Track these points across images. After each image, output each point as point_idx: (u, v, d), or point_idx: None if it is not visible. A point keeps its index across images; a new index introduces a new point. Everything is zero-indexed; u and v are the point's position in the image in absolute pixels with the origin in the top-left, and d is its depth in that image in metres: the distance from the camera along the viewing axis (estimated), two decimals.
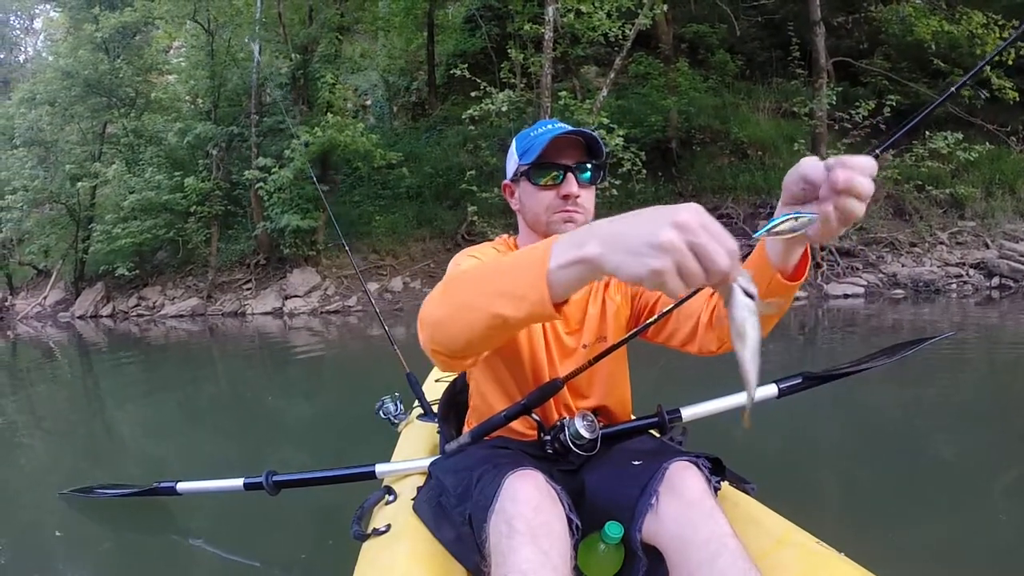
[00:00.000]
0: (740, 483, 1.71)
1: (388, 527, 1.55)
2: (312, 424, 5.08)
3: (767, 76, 16.32)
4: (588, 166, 1.59)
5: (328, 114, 14.90)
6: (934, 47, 13.35)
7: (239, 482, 2.26)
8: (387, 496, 1.77)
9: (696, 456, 1.42)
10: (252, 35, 16.24)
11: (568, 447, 1.53)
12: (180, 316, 15.79)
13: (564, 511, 1.28)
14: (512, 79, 13.61)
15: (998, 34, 12.70)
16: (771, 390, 2.06)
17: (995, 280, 11.41)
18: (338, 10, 16.51)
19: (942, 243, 12.57)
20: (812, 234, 0.98)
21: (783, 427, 3.78)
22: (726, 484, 1.64)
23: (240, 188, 17.07)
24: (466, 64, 13.61)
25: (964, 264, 11.93)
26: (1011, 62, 11.25)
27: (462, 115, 13.16)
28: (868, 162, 0.90)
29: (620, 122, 12.52)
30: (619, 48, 13.00)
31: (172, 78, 20.01)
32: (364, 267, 15.07)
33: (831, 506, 2.87)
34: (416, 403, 2.85)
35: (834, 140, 12.68)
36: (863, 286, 11.78)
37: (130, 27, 17.73)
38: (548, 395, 1.58)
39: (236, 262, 17.18)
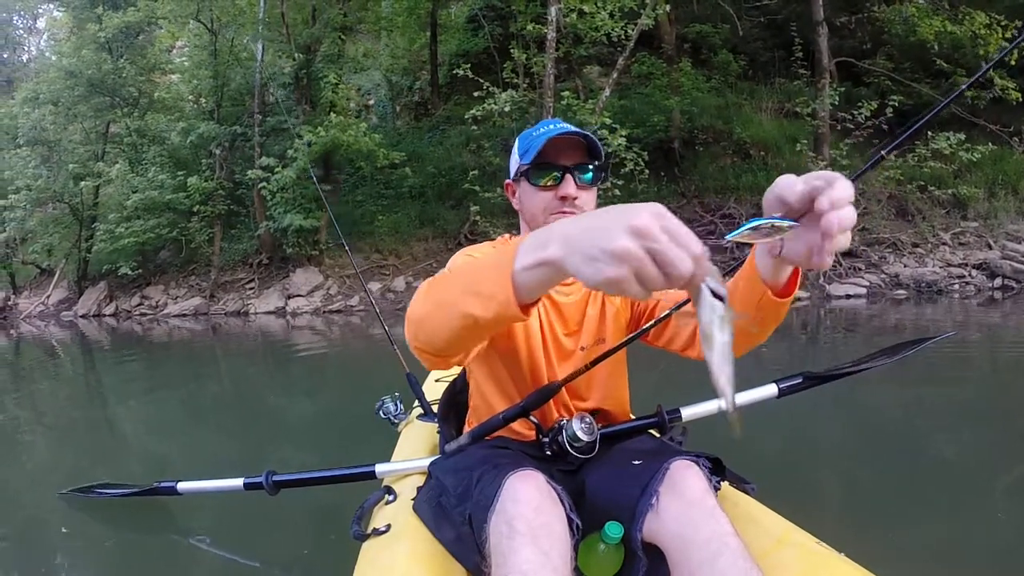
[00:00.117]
0: (740, 483, 1.71)
1: (388, 527, 1.55)
2: (313, 424, 5.08)
3: (770, 76, 16.28)
4: (590, 167, 1.57)
5: (331, 114, 14.92)
6: (937, 47, 13.32)
7: (239, 482, 2.26)
8: (387, 496, 1.76)
9: (696, 456, 1.42)
10: (255, 35, 16.27)
11: (566, 449, 1.53)
12: (183, 315, 15.81)
13: (565, 511, 1.27)
14: (515, 79, 13.62)
15: (1001, 34, 12.68)
16: (771, 390, 2.05)
17: (997, 281, 11.39)
18: (341, 10, 16.51)
19: (944, 244, 12.54)
20: (795, 256, 0.96)
21: (783, 427, 3.77)
22: (726, 484, 1.64)
23: (243, 188, 17.11)
24: (469, 64, 13.62)
25: (967, 265, 11.91)
26: (1014, 62, 11.24)
27: (465, 115, 13.18)
28: (850, 190, 0.86)
29: (623, 122, 12.52)
30: (622, 48, 13.00)
31: (175, 77, 20.04)
32: (367, 267, 15.07)
33: (831, 506, 2.87)
34: (416, 403, 2.84)
35: (836, 140, 12.67)
36: (865, 286, 11.76)
37: (133, 27, 17.75)
38: (546, 398, 1.59)
39: (239, 261, 17.20)
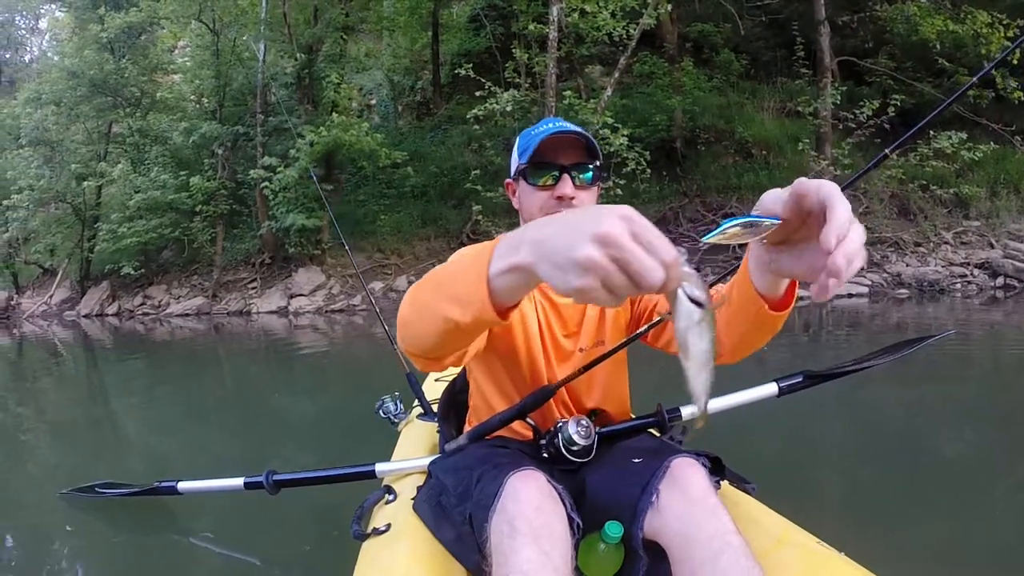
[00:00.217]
0: (740, 483, 1.71)
1: (388, 527, 1.55)
2: (314, 423, 5.09)
3: (772, 75, 16.26)
4: (589, 167, 1.55)
5: (333, 113, 14.94)
6: (939, 46, 13.29)
7: (239, 481, 2.27)
8: (387, 496, 1.76)
9: (696, 454, 1.42)
10: (257, 35, 16.27)
11: (562, 453, 1.52)
12: (185, 315, 15.83)
13: (565, 511, 1.27)
14: (517, 79, 13.61)
15: (1003, 33, 12.66)
16: (771, 389, 2.04)
17: (999, 280, 11.36)
18: (343, 10, 16.51)
19: (947, 243, 12.52)
20: (793, 273, 0.93)
21: (784, 426, 3.78)
22: (726, 484, 1.64)
23: (245, 187, 17.13)
24: (471, 64, 13.61)
25: (969, 264, 11.88)
26: (1015, 61, 11.22)
27: (467, 115, 13.19)
28: (848, 211, 0.78)
29: (625, 121, 12.53)
30: (624, 48, 12.99)
31: (177, 78, 20.07)
32: (369, 266, 15.09)
33: (831, 506, 2.88)
34: (416, 403, 2.84)
35: (838, 139, 12.68)
36: (867, 286, 11.74)
37: (135, 27, 17.79)
38: (542, 400, 1.58)
39: (241, 261, 17.22)
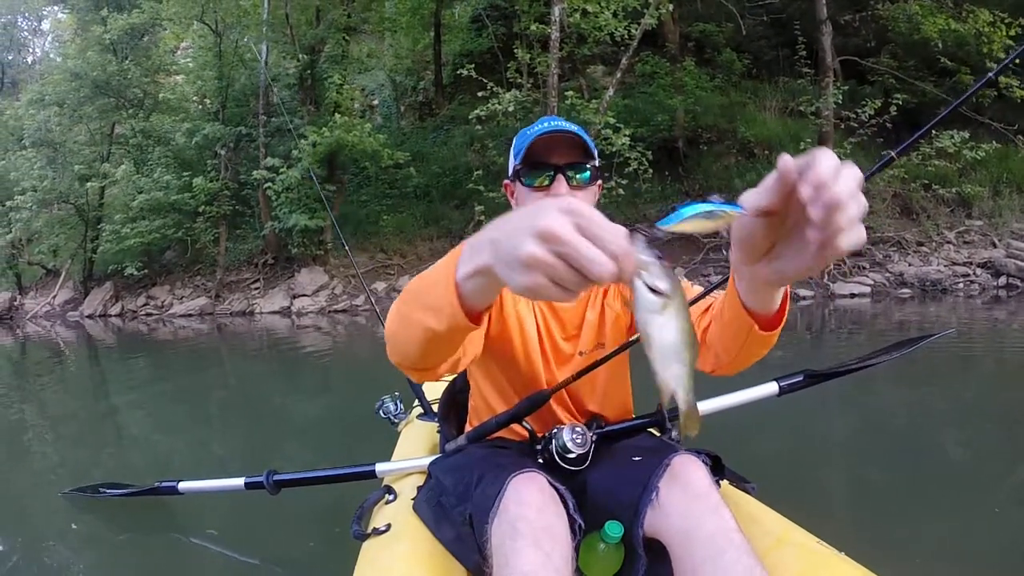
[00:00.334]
0: (740, 483, 1.71)
1: (388, 527, 1.55)
2: (315, 423, 5.09)
3: (774, 75, 16.23)
4: (586, 166, 1.52)
5: (335, 114, 14.95)
6: (941, 45, 13.27)
7: (240, 481, 2.27)
8: (387, 496, 1.76)
9: (696, 452, 1.42)
10: (260, 36, 16.27)
11: (556, 461, 1.49)
12: (188, 315, 15.85)
13: (567, 512, 1.27)
14: (519, 79, 13.61)
15: (1005, 32, 12.64)
16: (772, 388, 2.03)
17: (1002, 279, 11.34)
18: (345, 10, 16.52)
19: (949, 242, 12.51)
20: (790, 272, 0.80)
21: (784, 426, 3.78)
22: (725, 483, 1.64)
23: (248, 188, 17.14)
24: (473, 64, 13.61)
25: (971, 263, 11.87)
26: (1019, 60, 11.19)
27: (469, 115, 13.18)
28: (836, 163, 0.67)
29: (627, 121, 12.52)
30: (625, 47, 12.98)
31: (180, 79, 20.07)
32: (372, 266, 15.11)
33: (831, 506, 2.87)
34: (416, 403, 2.84)
35: (841, 139, 12.64)
36: (870, 285, 11.74)
37: (138, 28, 17.84)
38: (537, 405, 1.57)
39: (244, 261, 17.25)
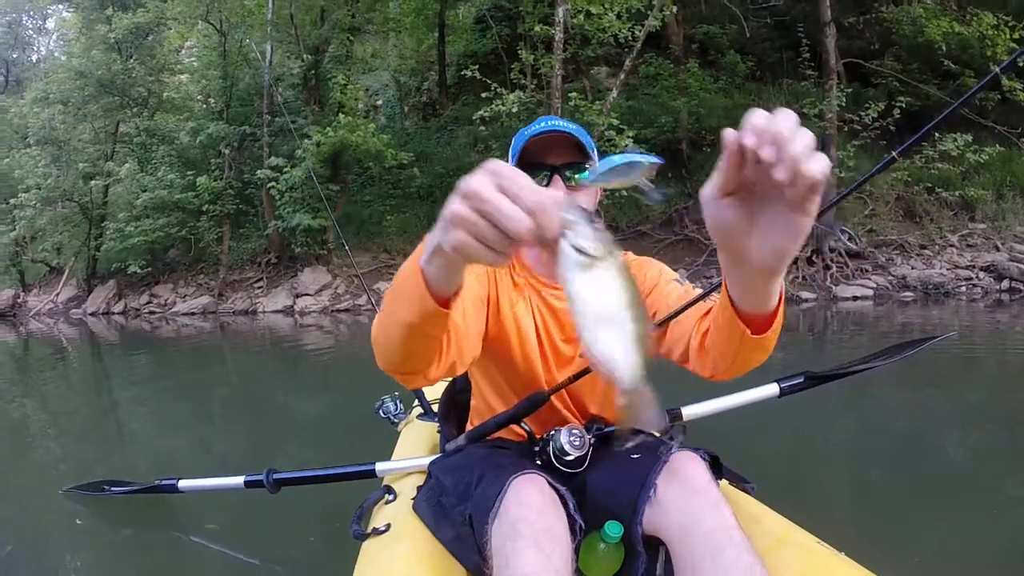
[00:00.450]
0: (740, 482, 1.71)
1: (388, 527, 1.54)
2: (316, 422, 5.09)
3: (777, 77, 16.23)
4: (585, 166, 1.51)
5: (339, 114, 14.96)
6: (945, 48, 13.27)
7: (240, 480, 2.26)
8: (387, 495, 1.76)
9: (695, 450, 1.42)
10: (265, 36, 16.31)
11: (554, 464, 1.49)
12: (191, 314, 15.88)
13: (567, 513, 1.28)
14: (522, 80, 13.63)
15: (1009, 35, 12.63)
16: (772, 389, 2.03)
17: (1005, 283, 11.36)
18: (349, 11, 16.55)
19: (952, 245, 12.52)
20: (780, 242, 0.76)
21: (785, 427, 3.78)
22: (725, 483, 1.64)
23: (252, 187, 17.14)
24: (477, 65, 13.63)
25: (974, 267, 11.88)
26: (1021, 63, 11.17)
27: (473, 116, 13.19)
28: (793, 117, 0.68)
29: (630, 123, 12.53)
30: (629, 49, 12.98)
31: (184, 78, 20.10)
32: (376, 266, 15.11)
33: (831, 506, 2.88)
34: (416, 403, 2.82)
35: (844, 141, 12.64)
36: (872, 288, 11.75)
37: (143, 27, 17.84)
38: (536, 406, 1.57)
39: (247, 260, 17.30)
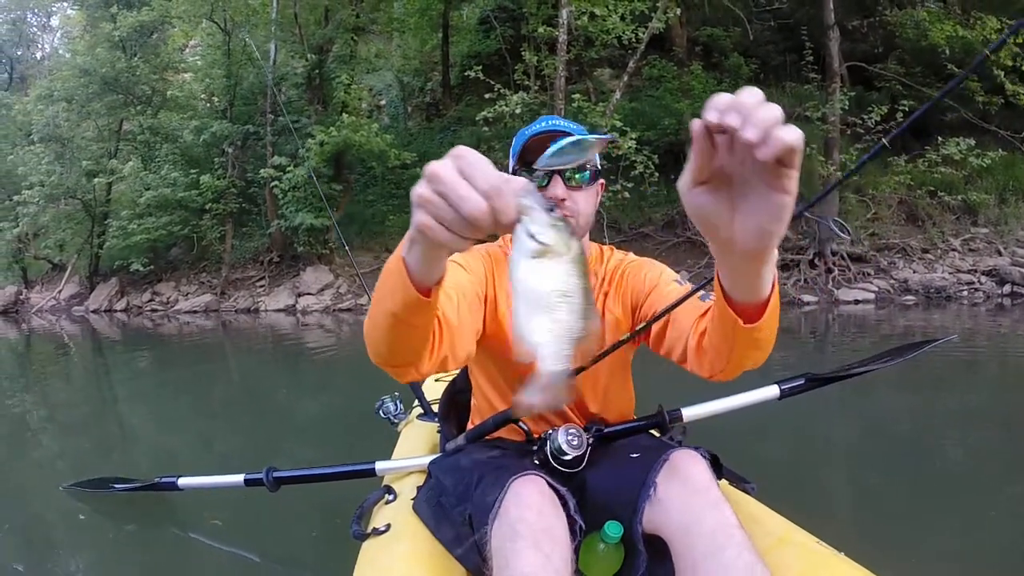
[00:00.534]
0: (740, 482, 1.72)
1: (388, 527, 1.54)
2: (317, 421, 5.09)
3: (781, 80, 16.20)
4: (586, 166, 1.52)
5: (343, 114, 14.98)
6: (948, 52, 13.25)
7: (239, 478, 2.26)
8: (387, 496, 1.76)
9: (696, 448, 1.41)
10: (269, 35, 16.33)
11: (551, 464, 1.48)
12: (193, 312, 15.93)
13: (568, 513, 1.28)
14: (526, 81, 13.64)
15: (1012, 39, 12.60)
16: (773, 391, 2.02)
17: (1007, 287, 11.33)
18: (353, 11, 16.57)
19: (954, 249, 12.50)
20: (764, 220, 0.74)
21: (785, 429, 3.78)
22: (725, 483, 1.63)
23: (255, 186, 17.22)
24: (480, 66, 13.64)
25: (976, 271, 11.86)
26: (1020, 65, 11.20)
27: (476, 116, 13.20)
28: (758, 93, 0.67)
29: (633, 125, 12.53)
30: (633, 51, 13.00)
31: (188, 76, 20.16)
32: (377, 266, 15.08)
33: (831, 507, 2.88)
34: (416, 403, 2.83)
35: (847, 145, 12.64)
36: (874, 292, 11.73)
37: (147, 26, 17.89)
38: None
39: (250, 259, 17.33)
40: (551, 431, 1.52)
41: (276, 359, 8.84)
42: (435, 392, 2.64)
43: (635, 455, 1.46)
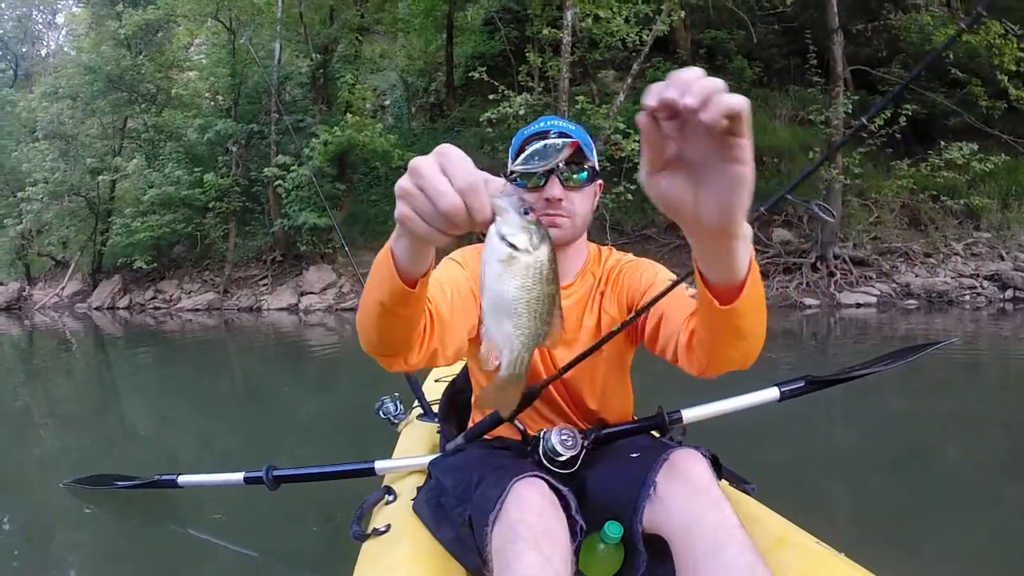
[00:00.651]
0: (740, 483, 1.72)
1: (388, 527, 1.54)
2: (318, 420, 5.09)
3: (784, 83, 16.19)
4: (584, 167, 1.54)
5: (347, 113, 15.01)
6: (952, 56, 13.23)
7: (239, 476, 2.25)
8: (387, 496, 1.76)
9: (696, 448, 1.40)
10: (274, 35, 16.38)
11: (545, 464, 1.47)
12: (196, 310, 15.96)
13: (569, 514, 1.28)
14: (530, 82, 13.63)
15: (1016, 44, 12.58)
16: (773, 393, 2.02)
17: (1009, 292, 11.33)
18: (358, 11, 16.61)
19: (957, 254, 12.48)
20: (725, 193, 0.77)
21: (785, 431, 3.78)
22: (725, 484, 1.63)
23: (258, 185, 17.24)
24: (484, 67, 13.65)
25: (978, 275, 11.85)
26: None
27: (480, 117, 13.21)
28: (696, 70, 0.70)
29: (637, 127, 12.51)
30: (637, 53, 12.99)
31: (193, 75, 20.19)
32: None
33: (832, 508, 2.89)
34: (416, 403, 2.81)
35: (850, 149, 12.62)
36: (876, 295, 11.72)
37: (152, 24, 17.95)
38: (526, 403, 1.55)
39: (253, 258, 17.36)
40: (544, 431, 1.52)
41: (278, 358, 8.84)
42: (435, 392, 2.63)
43: (635, 454, 1.45)
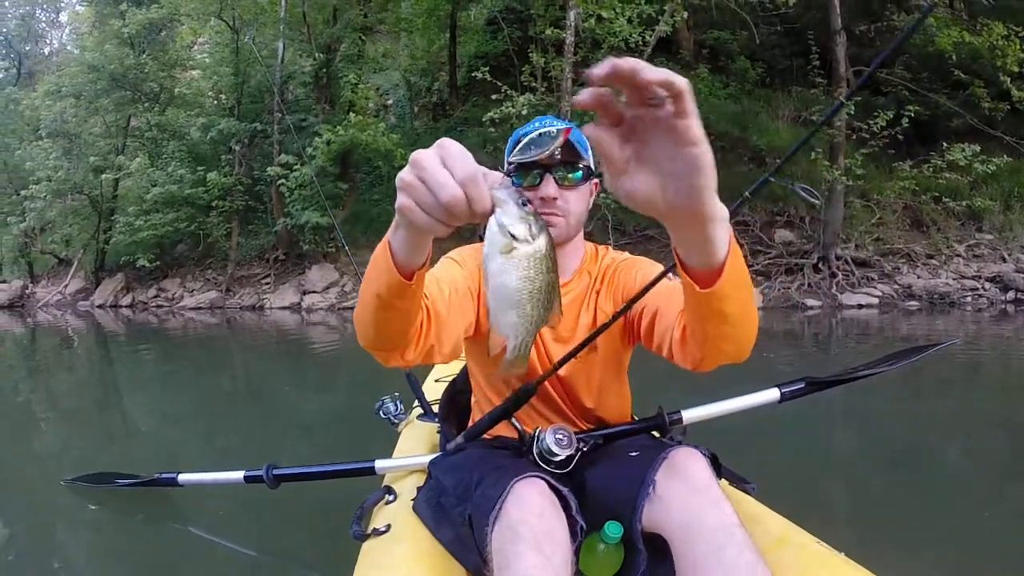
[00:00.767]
0: (740, 483, 1.72)
1: (388, 527, 1.54)
2: (319, 419, 5.10)
3: (787, 84, 16.18)
4: (579, 166, 1.54)
5: (350, 113, 15.02)
6: (955, 58, 13.21)
7: (239, 475, 2.25)
8: (387, 496, 1.76)
9: (695, 447, 1.40)
10: (277, 34, 16.39)
11: (540, 464, 1.46)
12: (198, 308, 15.98)
13: (569, 514, 1.28)
14: (533, 82, 13.62)
15: (1019, 45, 12.56)
16: (773, 394, 2.02)
17: (1010, 294, 11.31)
18: (361, 10, 16.64)
19: (959, 255, 12.47)
20: (681, 170, 0.75)
21: (785, 431, 3.78)
22: (725, 483, 1.63)
23: (261, 184, 17.25)
24: (487, 66, 13.62)
25: (980, 277, 11.84)
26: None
27: (483, 117, 13.20)
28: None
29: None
30: (640, 53, 12.95)
31: (196, 74, 20.22)
32: None
33: (832, 508, 2.90)
34: (416, 403, 2.81)
35: (852, 149, 12.61)
36: (877, 297, 11.72)
37: (156, 23, 17.97)
38: (523, 400, 1.54)
39: (255, 257, 17.37)
40: (539, 431, 1.51)
41: (279, 357, 8.86)
42: (435, 392, 2.64)
43: (634, 453, 1.46)
